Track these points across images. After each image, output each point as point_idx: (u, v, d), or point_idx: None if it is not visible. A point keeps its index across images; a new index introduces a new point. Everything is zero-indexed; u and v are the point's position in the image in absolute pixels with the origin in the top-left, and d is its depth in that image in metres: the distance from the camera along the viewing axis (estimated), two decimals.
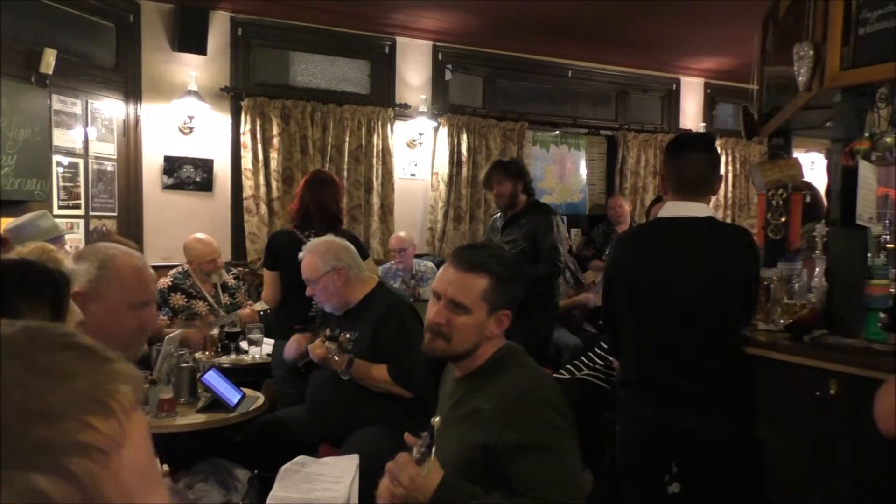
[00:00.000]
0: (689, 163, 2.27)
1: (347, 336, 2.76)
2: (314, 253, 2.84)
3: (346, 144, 5.52)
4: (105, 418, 0.52)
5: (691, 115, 6.97)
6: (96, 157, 4.67)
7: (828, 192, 2.44)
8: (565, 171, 6.82)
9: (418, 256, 5.31)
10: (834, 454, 2.10)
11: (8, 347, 0.52)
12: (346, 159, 5.52)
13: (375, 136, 5.61)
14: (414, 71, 5.86)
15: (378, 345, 2.73)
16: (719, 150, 6.91)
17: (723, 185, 6.98)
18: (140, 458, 0.55)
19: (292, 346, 3.00)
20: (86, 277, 1.62)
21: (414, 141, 5.88)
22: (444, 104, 5.97)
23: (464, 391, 1.75)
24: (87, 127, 4.57)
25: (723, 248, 2.26)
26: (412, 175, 5.93)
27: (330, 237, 3.02)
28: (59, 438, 0.49)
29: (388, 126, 5.66)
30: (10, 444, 0.47)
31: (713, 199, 6.79)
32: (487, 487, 1.57)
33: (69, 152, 4.44)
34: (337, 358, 2.68)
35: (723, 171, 6.97)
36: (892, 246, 2.72)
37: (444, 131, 5.89)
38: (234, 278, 4.23)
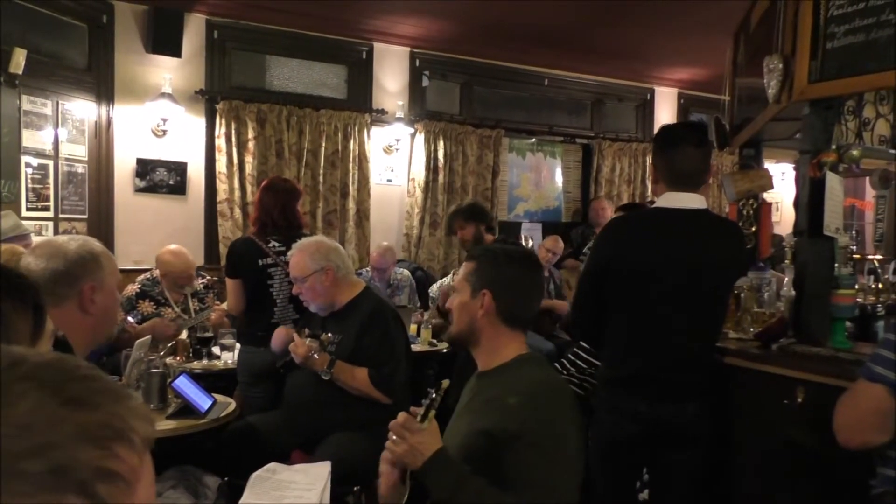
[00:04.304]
0: (684, 156, 2.22)
1: (329, 335, 2.75)
2: (304, 251, 2.84)
3: (323, 149, 5.50)
4: (128, 449, 0.54)
5: None
6: (67, 159, 4.60)
7: (796, 202, 2.48)
8: (541, 178, 6.85)
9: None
10: (800, 461, 2.13)
11: (38, 376, 0.54)
12: (322, 164, 5.50)
13: (352, 142, 5.59)
14: (391, 77, 5.86)
15: (361, 349, 2.72)
16: None
17: None
18: (150, 497, 0.57)
19: (280, 335, 2.95)
20: (93, 272, 1.69)
21: (390, 147, 5.87)
22: (420, 110, 5.97)
23: (483, 384, 1.79)
24: (58, 128, 4.50)
25: (722, 240, 2.26)
26: (388, 181, 5.92)
27: (320, 237, 3.00)
28: (88, 462, 0.51)
29: (365, 131, 5.65)
30: (44, 465, 0.49)
31: None
32: (484, 476, 1.58)
33: (39, 153, 4.37)
34: (317, 357, 2.67)
35: None
36: (858, 256, 2.78)
37: (420, 137, 5.89)
38: (204, 286, 4.17)
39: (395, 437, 1.58)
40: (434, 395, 1.57)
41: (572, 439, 1.64)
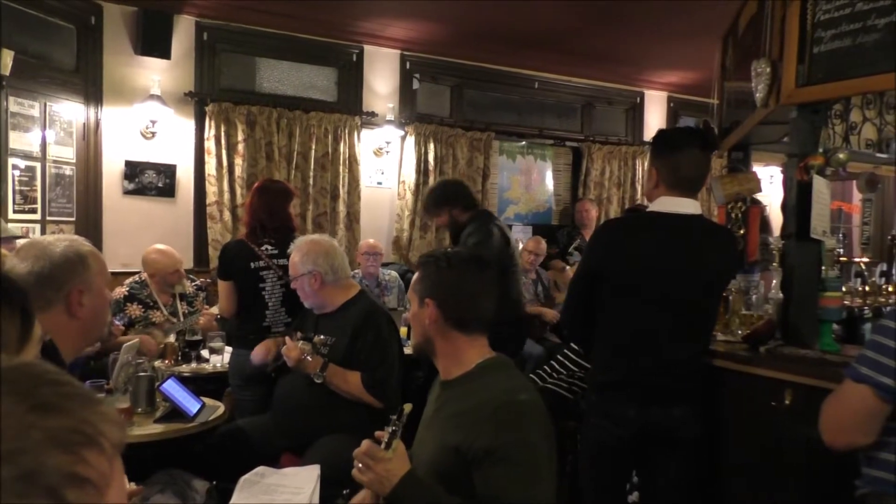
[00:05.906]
0: (689, 160, 2.21)
1: (322, 338, 2.75)
2: (299, 251, 2.86)
3: (313, 152, 5.49)
4: (97, 454, 0.54)
5: (655, 128, 6.97)
6: (54, 161, 4.57)
7: (783, 206, 2.50)
8: (531, 181, 6.87)
9: (384, 265, 5.29)
10: (788, 463, 2.14)
11: (6, 381, 0.54)
12: (312, 167, 5.49)
13: (342, 144, 5.59)
14: (381, 79, 5.86)
15: (354, 352, 2.71)
16: None
17: None
18: (121, 501, 0.57)
19: (260, 351, 2.95)
20: (81, 275, 1.65)
21: (381, 149, 5.87)
22: (411, 113, 5.97)
23: (448, 395, 1.76)
24: (45, 130, 4.47)
25: (714, 246, 2.26)
26: (379, 183, 5.92)
27: (318, 237, 2.99)
28: (57, 468, 0.51)
29: (355, 134, 5.64)
30: (12, 471, 0.49)
31: None
32: (458, 493, 1.56)
33: (26, 155, 4.34)
34: (310, 360, 2.66)
35: None
36: (845, 259, 2.80)
37: (411, 140, 5.89)
38: (196, 288, 4.15)
39: (360, 466, 1.57)
40: (397, 423, 1.55)
41: (541, 447, 1.61)
